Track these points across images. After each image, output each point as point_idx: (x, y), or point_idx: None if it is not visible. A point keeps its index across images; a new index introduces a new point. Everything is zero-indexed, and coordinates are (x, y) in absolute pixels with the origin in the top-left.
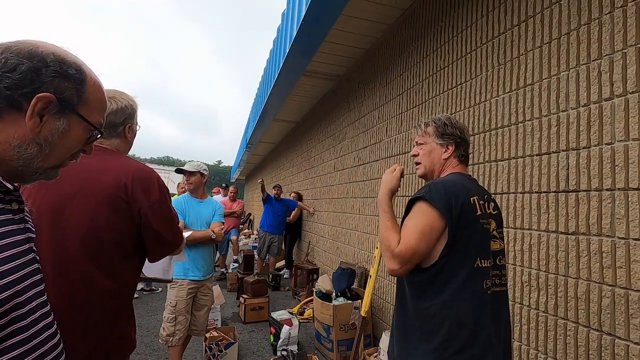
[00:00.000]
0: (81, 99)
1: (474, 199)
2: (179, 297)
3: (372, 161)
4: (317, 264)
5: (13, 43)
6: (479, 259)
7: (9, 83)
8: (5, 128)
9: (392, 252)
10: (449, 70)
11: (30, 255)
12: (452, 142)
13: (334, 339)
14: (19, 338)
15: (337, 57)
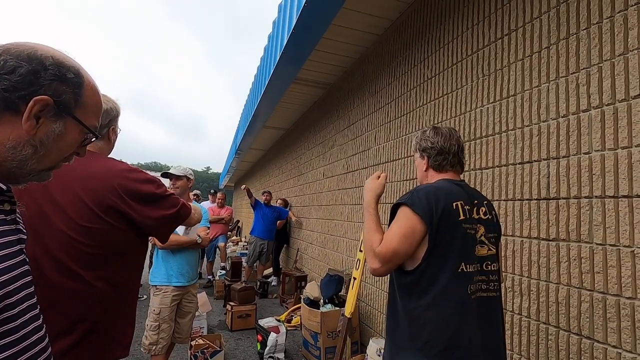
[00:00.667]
0: (78, 103)
1: (457, 204)
2: (163, 305)
3: (360, 168)
4: (306, 271)
5: (12, 45)
6: (463, 263)
7: (7, 85)
8: (1, 129)
9: (374, 251)
10: (435, 80)
11: (21, 256)
12: (425, 154)
13: (321, 346)
14: (9, 339)
15: (327, 65)
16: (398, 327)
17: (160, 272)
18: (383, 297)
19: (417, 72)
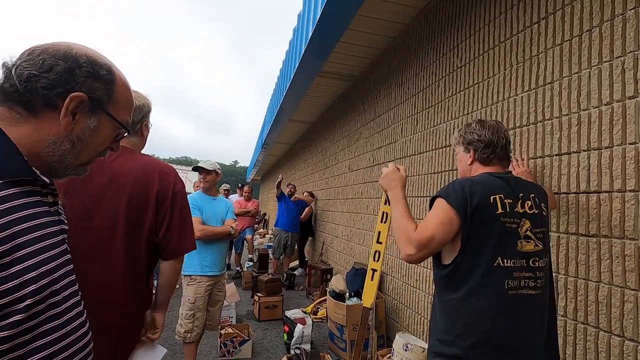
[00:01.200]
0: (110, 99)
1: (494, 197)
2: (197, 294)
3: (387, 161)
4: (331, 264)
5: (50, 45)
6: (500, 258)
7: (46, 83)
8: (42, 126)
9: (409, 237)
10: (466, 69)
11: (64, 246)
12: (471, 147)
13: (347, 339)
14: (54, 323)
15: (353, 57)
16: (436, 320)
17: (194, 262)
18: (410, 292)
19: (446, 61)
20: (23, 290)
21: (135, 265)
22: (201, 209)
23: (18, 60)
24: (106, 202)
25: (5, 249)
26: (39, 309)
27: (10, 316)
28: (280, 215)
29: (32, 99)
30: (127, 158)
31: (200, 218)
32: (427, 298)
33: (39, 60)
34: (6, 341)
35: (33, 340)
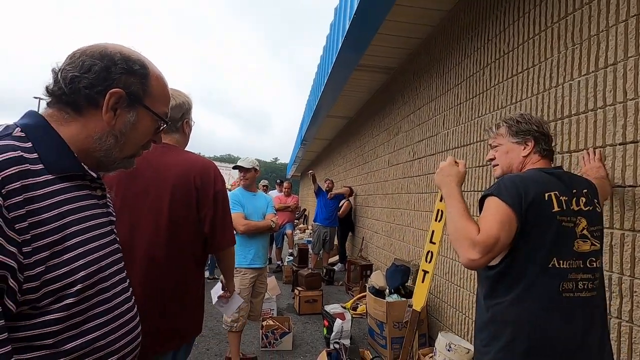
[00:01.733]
0: (146, 92)
1: (549, 195)
2: (243, 285)
3: (427, 155)
4: (371, 260)
5: (88, 47)
6: (555, 259)
7: (87, 83)
8: (88, 123)
9: (473, 240)
10: (513, 54)
11: (112, 236)
12: (530, 137)
13: (387, 336)
14: (103, 307)
15: (391, 49)
16: (482, 325)
17: (238, 255)
18: (453, 291)
19: (491, 47)
20: (74, 276)
21: (178, 256)
22: (243, 205)
23: (62, 64)
24: (151, 197)
25: (58, 238)
26: (89, 293)
27: (63, 299)
28: (319, 211)
29: (77, 98)
30: (171, 154)
31: (243, 213)
32: (471, 297)
33: (79, 62)
34: (61, 321)
35: (85, 322)
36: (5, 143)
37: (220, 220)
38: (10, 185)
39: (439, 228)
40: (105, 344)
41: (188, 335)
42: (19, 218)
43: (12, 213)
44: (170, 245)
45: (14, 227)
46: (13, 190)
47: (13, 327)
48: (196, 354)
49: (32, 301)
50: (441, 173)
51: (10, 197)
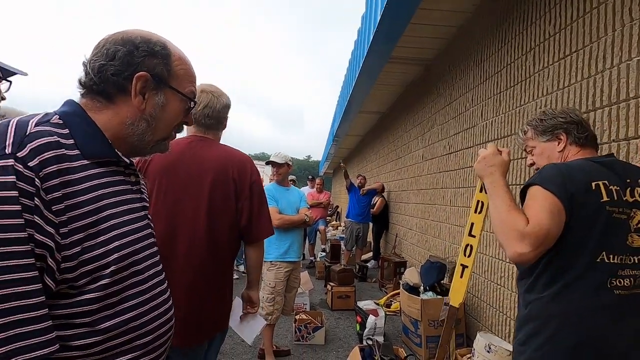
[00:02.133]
0: (170, 73)
1: (597, 184)
2: (278, 279)
3: (464, 148)
4: (405, 257)
5: (110, 35)
6: (604, 253)
7: (113, 70)
8: (119, 110)
9: (522, 231)
10: (560, 36)
11: (145, 221)
12: (560, 130)
13: (422, 334)
14: (137, 289)
15: (425, 39)
16: (520, 322)
17: (274, 249)
18: (493, 289)
19: (535, 30)
20: (108, 258)
21: (217, 245)
22: (277, 200)
23: (90, 56)
24: (192, 188)
25: (93, 220)
26: (123, 275)
27: (99, 280)
28: (352, 207)
29: (107, 87)
30: (210, 148)
31: (277, 208)
32: (513, 297)
33: (104, 51)
34: (97, 301)
35: (120, 302)
36: (43, 129)
37: (257, 211)
38: (47, 168)
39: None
40: (139, 325)
41: (224, 325)
42: (55, 200)
43: (49, 195)
44: (209, 236)
45: (52, 209)
46: (50, 174)
47: (54, 304)
48: (232, 344)
49: (69, 280)
50: (483, 162)
51: (48, 180)
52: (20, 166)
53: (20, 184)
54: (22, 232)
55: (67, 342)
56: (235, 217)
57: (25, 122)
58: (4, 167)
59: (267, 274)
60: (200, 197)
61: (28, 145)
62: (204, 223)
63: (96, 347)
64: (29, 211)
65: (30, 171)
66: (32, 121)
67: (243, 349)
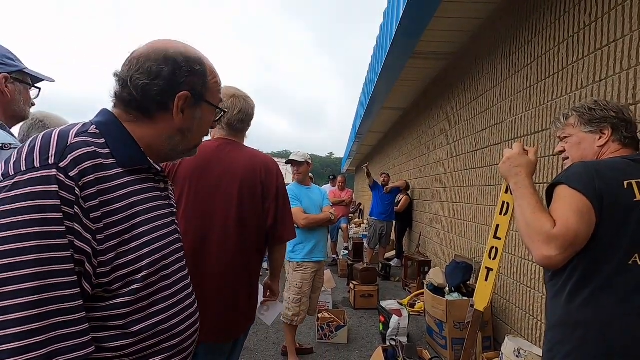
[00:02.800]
0: (206, 88)
1: (629, 182)
2: (304, 280)
3: (492, 145)
4: (429, 256)
5: (149, 50)
6: (637, 255)
7: (158, 90)
8: (156, 125)
9: (548, 233)
10: (597, 25)
11: (174, 226)
12: (607, 125)
13: (447, 336)
14: (165, 293)
15: (449, 33)
16: (549, 327)
17: (300, 250)
18: (523, 292)
19: (568, 20)
20: (140, 263)
21: (246, 246)
22: (300, 199)
23: (130, 71)
24: (222, 189)
25: (127, 227)
26: (153, 280)
27: (131, 284)
28: (375, 205)
29: (148, 105)
30: (238, 151)
31: (302, 207)
32: (543, 300)
33: (146, 69)
34: (129, 305)
35: (150, 306)
36: (83, 139)
37: (282, 212)
38: (86, 177)
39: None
40: (168, 327)
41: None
42: (93, 208)
43: (87, 203)
44: (238, 237)
45: (90, 216)
46: (88, 182)
47: (90, 307)
48: (255, 341)
49: (104, 284)
50: (508, 162)
51: (87, 188)
52: (62, 176)
53: (62, 192)
54: (63, 239)
55: (101, 344)
56: (262, 218)
57: (66, 132)
58: (48, 177)
59: (293, 274)
60: (231, 198)
61: (69, 155)
62: (235, 224)
63: (128, 349)
64: (70, 219)
65: (71, 180)
66: (72, 132)
67: (267, 346)
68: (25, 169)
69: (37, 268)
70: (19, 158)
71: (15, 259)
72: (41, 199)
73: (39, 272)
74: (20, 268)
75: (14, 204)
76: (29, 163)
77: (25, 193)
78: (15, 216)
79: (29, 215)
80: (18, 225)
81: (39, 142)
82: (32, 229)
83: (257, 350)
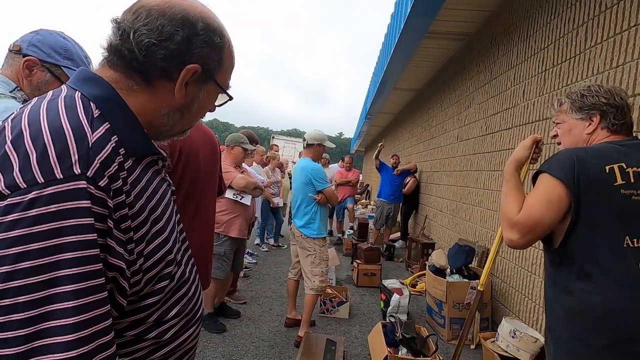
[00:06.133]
0: (219, 67)
1: (611, 167)
2: (326, 254)
3: (502, 130)
4: (433, 238)
5: (166, 4)
6: (628, 237)
7: (165, 53)
8: (156, 96)
9: (511, 220)
10: (618, 8)
11: (175, 208)
12: (596, 112)
13: (446, 316)
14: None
15: (465, 12)
16: (553, 316)
17: (321, 226)
18: (522, 276)
19: (590, 1)
20: (165, 260)
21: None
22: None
23: (135, 22)
24: (212, 164)
25: (148, 228)
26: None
27: (160, 282)
28: (383, 186)
29: (150, 68)
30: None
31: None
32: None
33: (158, 26)
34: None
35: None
36: (101, 133)
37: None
38: (115, 184)
39: None
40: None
41: None
42: (123, 217)
43: (117, 213)
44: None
45: (120, 227)
46: (118, 189)
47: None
48: (260, 313)
49: (137, 292)
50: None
51: (117, 196)
52: (92, 187)
53: (95, 208)
54: (98, 264)
55: (139, 337)
56: None
57: (79, 123)
58: (77, 191)
59: (322, 250)
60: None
61: (96, 159)
62: (214, 191)
63: (166, 334)
64: (103, 235)
65: (102, 192)
66: (84, 121)
67: (271, 317)
68: (44, 181)
69: (78, 301)
70: (26, 164)
71: (51, 290)
72: (73, 218)
73: (80, 306)
74: (59, 301)
75: (38, 227)
76: (47, 173)
77: (51, 212)
78: (42, 241)
79: (60, 239)
80: (47, 252)
81: (47, 140)
82: (65, 255)
83: (262, 320)
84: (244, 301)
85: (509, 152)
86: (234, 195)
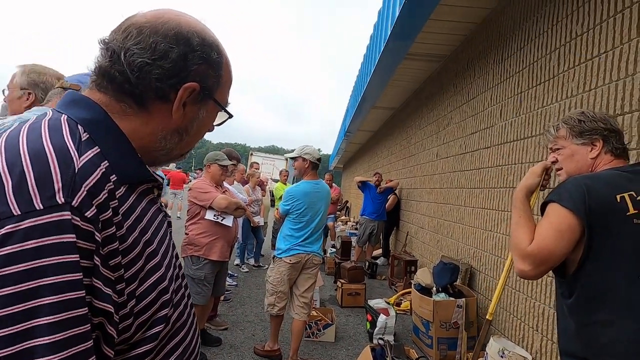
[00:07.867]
0: (218, 84)
1: (622, 196)
2: None
3: (481, 148)
4: (416, 255)
5: (157, 20)
6: None
7: (159, 73)
8: (151, 119)
9: (523, 251)
10: (588, 36)
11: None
12: (598, 137)
13: (433, 336)
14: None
15: (444, 35)
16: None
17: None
18: (508, 294)
19: (560, 29)
20: (160, 301)
21: None
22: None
23: (125, 41)
24: None
25: (142, 263)
26: (173, 314)
27: (154, 327)
28: (367, 205)
29: (144, 90)
30: None
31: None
32: (528, 302)
33: (150, 44)
34: (152, 351)
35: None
36: (89, 157)
37: None
38: (104, 214)
39: None
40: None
41: None
42: (112, 253)
43: (106, 248)
44: None
45: (109, 264)
46: (107, 221)
47: None
48: (242, 339)
49: (127, 339)
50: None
51: (105, 229)
52: (78, 219)
53: (80, 242)
54: (83, 308)
55: None
56: None
57: (64, 146)
58: (60, 223)
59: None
60: None
61: (83, 186)
62: None
63: None
64: (88, 274)
65: (89, 224)
66: (70, 145)
67: (254, 343)
68: (21, 213)
69: (58, 355)
70: (0, 194)
71: (25, 344)
72: (55, 256)
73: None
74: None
75: (9, 268)
76: (24, 203)
77: (28, 249)
78: (14, 285)
79: (38, 281)
80: (21, 298)
81: (26, 164)
82: (44, 300)
83: (244, 347)
84: (225, 327)
85: (489, 170)
86: (215, 216)
